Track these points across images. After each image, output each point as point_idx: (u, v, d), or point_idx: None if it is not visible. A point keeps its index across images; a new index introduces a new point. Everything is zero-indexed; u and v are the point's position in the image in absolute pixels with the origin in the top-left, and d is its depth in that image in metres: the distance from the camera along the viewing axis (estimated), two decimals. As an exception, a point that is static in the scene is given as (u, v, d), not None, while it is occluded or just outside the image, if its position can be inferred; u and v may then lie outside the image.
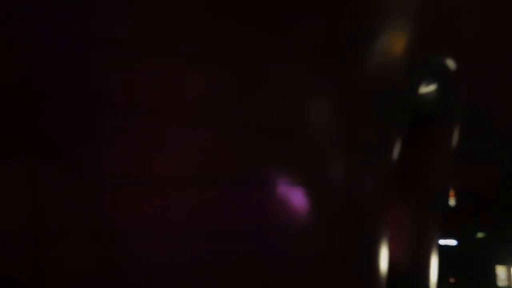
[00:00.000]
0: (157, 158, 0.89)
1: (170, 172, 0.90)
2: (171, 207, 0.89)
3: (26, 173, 0.88)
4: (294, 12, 1.05)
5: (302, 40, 1.07)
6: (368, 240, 1.13)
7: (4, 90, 0.87)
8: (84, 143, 0.86)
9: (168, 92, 0.92)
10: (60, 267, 0.85)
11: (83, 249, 0.86)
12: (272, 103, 1.04)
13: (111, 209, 0.85)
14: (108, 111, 0.88)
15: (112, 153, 0.87)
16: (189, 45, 0.96)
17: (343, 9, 1.12)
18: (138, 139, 0.89)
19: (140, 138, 0.89)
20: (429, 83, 1.31)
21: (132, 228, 0.86)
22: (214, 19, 0.98)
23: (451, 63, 1.35)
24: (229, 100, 0.97)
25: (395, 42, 1.24)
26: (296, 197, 1.04)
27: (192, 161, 0.92)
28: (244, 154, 0.98)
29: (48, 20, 0.89)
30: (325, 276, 1.06)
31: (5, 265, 0.86)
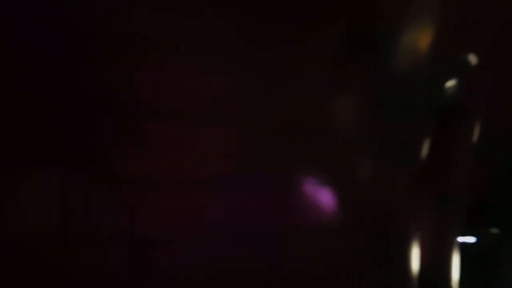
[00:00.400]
0: (184, 160, 0.90)
1: (198, 174, 0.90)
2: (200, 210, 0.90)
3: (56, 178, 0.89)
4: (320, 10, 1.05)
5: (327, 38, 1.07)
6: (398, 242, 1.12)
7: (31, 95, 0.87)
8: (112, 146, 0.87)
9: (194, 92, 0.92)
10: (89, 272, 0.86)
11: (113, 254, 0.86)
12: (298, 101, 1.04)
13: (141, 214, 0.85)
14: (136, 112, 0.89)
15: (140, 155, 0.88)
16: (213, 45, 0.96)
17: (367, 7, 1.12)
18: (165, 141, 0.90)
19: (168, 140, 0.90)
20: (452, 80, 1.31)
21: (161, 233, 0.86)
22: (240, 19, 0.98)
23: (474, 60, 1.35)
24: (255, 99, 0.98)
25: (419, 39, 1.23)
26: (322, 198, 1.04)
27: (219, 163, 0.92)
28: (269, 154, 0.98)
29: (71, 22, 0.90)
30: (355, 278, 1.05)
31: (36, 269, 0.86)
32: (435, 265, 1.45)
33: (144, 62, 0.88)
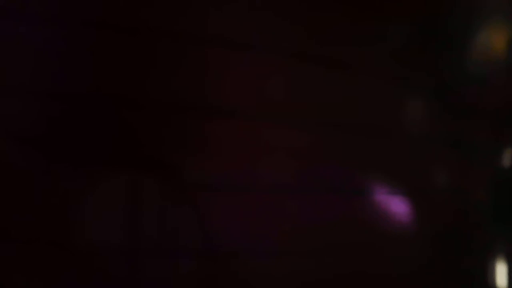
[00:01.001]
0: (257, 165, 0.86)
1: (271, 179, 0.86)
2: (273, 219, 0.85)
3: (124, 185, 0.86)
4: (388, 4, 1.01)
5: (397, 35, 1.02)
6: (471, 254, 1.06)
7: (99, 100, 0.85)
8: (182, 151, 0.84)
9: (266, 93, 0.89)
10: (158, 284, 0.82)
11: (183, 265, 0.82)
12: (369, 100, 0.99)
13: (213, 222, 0.81)
14: (206, 115, 0.85)
15: (211, 160, 0.84)
16: (283, 44, 0.92)
17: (435, 4, 1.07)
18: (236, 145, 0.86)
19: (239, 144, 0.86)
20: None
21: (236, 244, 0.82)
22: (311, 17, 0.95)
23: None
24: (326, 99, 0.93)
25: (493, 38, 1.17)
26: (396, 206, 0.98)
27: (292, 168, 0.88)
28: (341, 159, 0.94)
29: (139, 23, 0.87)
30: (432, 285, 1.00)
31: (102, 279, 0.84)
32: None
33: (217, 62, 0.84)
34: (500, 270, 1.12)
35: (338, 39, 0.97)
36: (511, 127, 1.32)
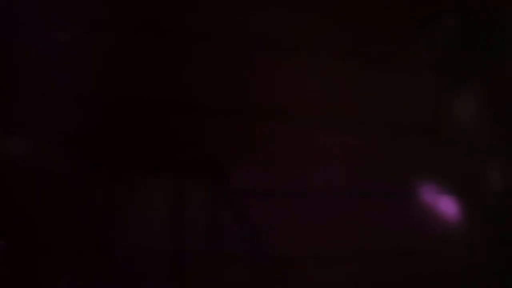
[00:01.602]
0: (308, 170, 0.84)
1: (322, 185, 0.84)
2: (326, 224, 0.83)
3: (172, 190, 0.84)
4: (431, 3, 0.98)
5: (441, 34, 1.00)
6: None
7: (146, 103, 0.84)
8: (231, 154, 0.82)
9: (315, 95, 0.86)
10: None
11: (233, 273, 0.80)
12: (416, 100, 0.97)
13: (264, 228, 0.79)
14: (254, 117, 0.83)
15: (260, 164, 0.82)
16: (330, 45, 0.90)
17: (479, 3, 1.04)
18: (287, 148, 0.84)
19: (289, 147, 0.84)
20: None
21: (287, 250, 0.80)
22: (355, 17, 0.93)
23: None
24: (376, 100, 0.91)
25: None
26: (449, 208, 0.96)
27: (344, 172, 0.86)
28: (391, 160, 0.92)
29: (183, 26, 0.85)
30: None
31: (147, 281, 0.83)
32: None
33: (266, 63, 0.82)
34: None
35: (385, 38, 0.95)
36: None
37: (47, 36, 0.87)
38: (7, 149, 0.92)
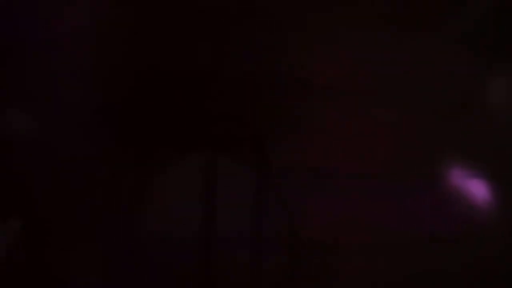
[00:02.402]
0: (346, 148, 0.79)
1: (367, 167, 0.80)
2: (365, 209, 0.79)
3: (203, 167, 0.80)
4: None
5: (477, 13, 0.97)
6: None
7: (179, 75, 0.79)
8: (268, 131, 0.77)
9: (357, 70, 0.83)
10: (236, 275, 0.76)
11: (266, 257, 0.76)
12: (451, 79, 0.94)
13: (299, 211, 0.75)
14: (291, 92, 0.78)
15: (297, 142, 0.77)
16: (374, 23, 0.87)
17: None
18: (325, 126, 0.79)
19: (327, 125, 0.79)
20: None
21: (325, 235, 0.76)
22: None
23: None
24: (413, 81, 0.88)
25: None
26: (481, 191, 0.93)
27: (388, 154, 0.82)
28: (425, 142, 0.88)
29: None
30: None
31: (177, 268, 0.78)
32: None
33: (307, 34, 0.78)
34: None
35: (414, 25, 0.92)
36: None
37: (76, 4, 0.83)
38: (29, 125, 0.88)
